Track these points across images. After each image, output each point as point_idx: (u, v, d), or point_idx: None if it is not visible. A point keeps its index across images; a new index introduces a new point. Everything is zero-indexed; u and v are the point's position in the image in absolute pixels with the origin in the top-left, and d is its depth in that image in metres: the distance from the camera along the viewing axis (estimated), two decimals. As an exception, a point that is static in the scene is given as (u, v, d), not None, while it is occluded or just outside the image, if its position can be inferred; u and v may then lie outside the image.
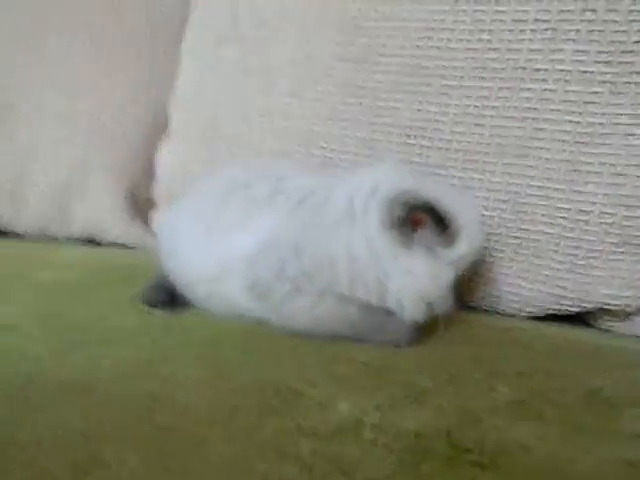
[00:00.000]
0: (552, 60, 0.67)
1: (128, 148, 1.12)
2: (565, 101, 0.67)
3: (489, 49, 0.71)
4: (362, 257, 0.57)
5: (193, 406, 0.42)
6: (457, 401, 0.45)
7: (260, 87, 0.87)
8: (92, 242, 1.15)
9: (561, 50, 0.67)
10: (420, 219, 0.56)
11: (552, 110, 0.68)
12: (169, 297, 0.68)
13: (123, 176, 1.12)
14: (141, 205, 1.15)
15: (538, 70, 0.68)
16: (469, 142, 0.72)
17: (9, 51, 1.14)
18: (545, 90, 0.68)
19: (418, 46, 0.75)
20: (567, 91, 0.67)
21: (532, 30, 0.68)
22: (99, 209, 1.11)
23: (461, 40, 0.72)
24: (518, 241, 0.72)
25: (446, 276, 0.58)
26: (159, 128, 1.14)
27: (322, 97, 0.82)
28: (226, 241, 0.63)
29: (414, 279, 0.56)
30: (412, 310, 0.57)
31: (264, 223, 0.62)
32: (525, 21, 0.69)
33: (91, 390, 0.44)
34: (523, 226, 0.71)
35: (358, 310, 0.60)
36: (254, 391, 0.46)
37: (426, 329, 0.59)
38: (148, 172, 1.14)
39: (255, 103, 0.88)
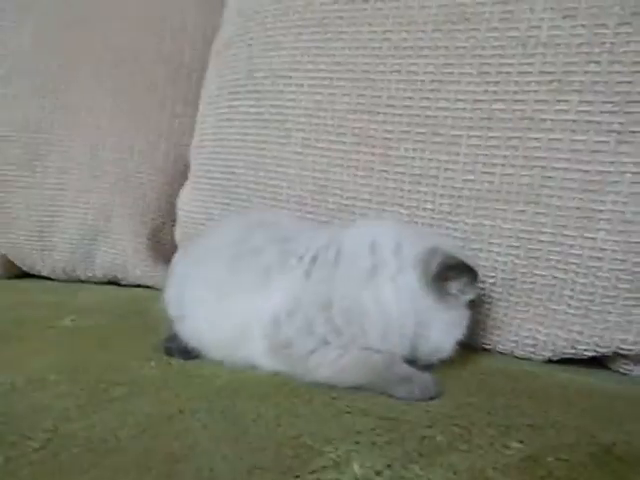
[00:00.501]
0: (558, 110, 0.69)
1: (151, 193, 1.16)
2: (573, 150, 0.69)
3: (495, 100, 0.73)
4: (396, 311, 0.62)
5: (213, 467, 0.44)
6: (469, 460, 0.46)
7: (275, 137, 0.90)
8: (114, 284, 1.20)
9: (567, 101, 0.69)
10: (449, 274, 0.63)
11: (560, 159, 0.69)
12: (186, 346, 0.70)
13: (146, 220, 1.16)
14: (163, 248, 1.19)
15: (544, 120, 0.70)
16: (479, 189, 0.74)
17: (37, 102, 1.20)
18: (552, 140, 0.69)
19: (427, 98, 0.77)
20: (574, 140, 0.68)
21: (537, 82, 0.70)
22: (122, 251, 1.15)
23: (467, 92, 0.74)
24: (532, 286, 0.73)
25: (468, 320, 0.66)
26: (180, 173, 1.19)
27: (335, 146, 0.84)
28: (242, 306, 0.65)
29: (455, 328, 0.65)
30: (448, 355, 0.64)
31: (282, 285, 0.64)
32: (530, 73, 0.71)
33: (116, 450, 0.46)
34: (537, 271, 0.72)
35: (383, 360, 0.61)
36: (271, 448, 0.47)
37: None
38: (170, 216, 1.18)
39: (271, 152, 0.91)
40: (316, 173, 0.86)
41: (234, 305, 0.65)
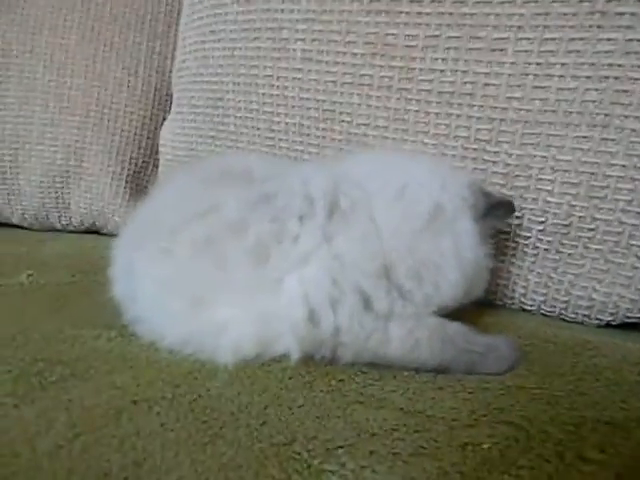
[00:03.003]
0: (642, 0, 0.52)
1: (129, 128, 1.00)
2: (660, 53, 0.51)
3: (556, -11, 0.55)
4: (471, 257, 0.51)
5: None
6: (535, 483, 0.32)
7: (269, 50, 0.73)
8: (95, 232, 1.05)
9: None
10: None
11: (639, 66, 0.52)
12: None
13: (124, 159, 1.00)
14: (147, 191, 1.04)
15: (621, 14, 0.53)
16: (529, 110, 0.57)
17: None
18: (631, 40, 0.52)
19: (463, -10, 0.59)
20: (662, 39, 0.51)
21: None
22: (98, 195, 1.00)
23: (519, -21, 0.56)
24: (591, 234, 0.57)
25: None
26: (163, 104, 1.02)
27: (344, 60, 0.67)
28: (237, 316, 0.46)
29: (491, 260, 0.55)
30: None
31: (292, 265, 0.46)
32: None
33: (26, 471, 0.32)
34: (599, 215, 0.56)
35: (460, 330, 0.49)
36: (251, 466, 0.34)
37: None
38: (153, 154, 1.02)
39: (264, 70, 0.74)
40: (320, 95, 0.69)
41: (220, 316, 0.46)
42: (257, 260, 0.46)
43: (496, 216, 0.54)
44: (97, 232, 1.06)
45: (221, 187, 0.50)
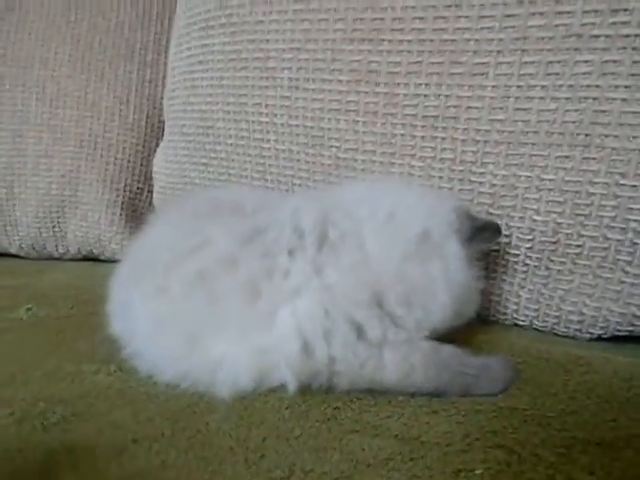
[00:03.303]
0: (614, 24, 0.53)
1: (122, 156, 1.01)
2: (634, 75, 0.53)
3: (532, 14, 0.56)
4: (462, 280, 0.52)
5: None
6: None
7: (257, 79, 0.74)
8: (92, 259, 1.06)
9: (626, 10, 0.52)
10: None
11: (617, 87, 0.54)
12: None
13: (118, 187, 1.02)
14: (142, 217, 1.05)
15: (597, 37, 0.54)
16: (512, 132, 0.59)
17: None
18: (607, 62, 0.54)
19: (443, 17, 0.61)
20: (636, 62, 0.53)
21: (588, -14, 0.54)
22: (95, 224, 1.01)
23: (495, 5, 0.58)
24: (578, 250, 0.59)
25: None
26: (155, 131, 1.04)
27: (329, 87, 0.68)
28: (232, 352, 0.46)
29: (481, 281, 0.56)
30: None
31: (282, 299, 0.47)
32: (578, -25, 0.54)
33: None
34: (585, 232, 0.58)
35: (453, 352, 0.49)
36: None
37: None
38: (147, 180, 1.04)
39: (252, 99, 0.75)
40: (307, 121, 0.71)
41: (216, 351, 0.47)
42: (249, 295, 0.47)
43: (482, 239, 0.55)
44: (94, 259, 1.07)
45: (212, 222, 0.51)
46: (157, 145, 1.02)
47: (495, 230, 0.56)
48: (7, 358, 0.57)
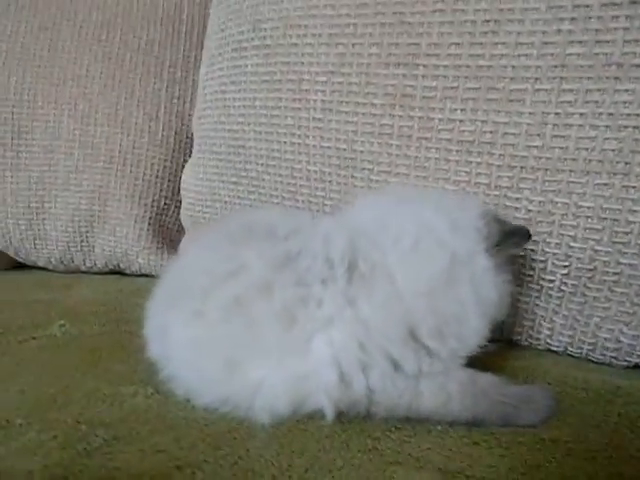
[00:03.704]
0: (658, 51, 0.53)
1: (150, 172, 1.02)
2: (677, 103, 0.53)
3: (571, 42, 0.56)
4: (493, 299, 0.51)
5: None
6: None
7: (290, 101, 0.75)
8: (118, 273, 1.07)
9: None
10: None
11: (659, 115, 0.53)
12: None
13: (146, 202, 1.02)
14: (169, 232, 1.06)
15: (638, 66, 0.54)
16: (549, 158, 0.59)
17: (17, 72, 1.05)
18: (648, 90, 0.53)
19: (480, 43, 0.61)
20: (679, 90, 0.52)
21: (627, 16, 0.54)
22: (122, 238, 1.02)
23: (533, 32, 0.58)
24: (616, 277, 0.58)
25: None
26: (183, 147, 1.05)
27: (363, 110, 0.69)
28: (270, 378, 0.47)
29: (509, 287, 0.55)
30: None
31: (319, 329, 0.47)
32: (618, 5, 0.54)
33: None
34: (623, 260, 0.57)
35: (491, 381, 0.50)
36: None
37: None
38: (174, 196, 1.05)
39: (285, 120, 0.76)
40: (340, 144, 0.71)
41: (253, 377, 0.47)
42: (285, 322, 0.47)
43: (511, 244, 0.54)
44: (120, 272, 1.08)
45: (246, 246, 0.51)
46: (185, 161, 1.04)
47: (524, 234, 0.55)
48: (47, 377, 0.57)
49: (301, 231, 0.53)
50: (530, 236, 0.55)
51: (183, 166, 1.03)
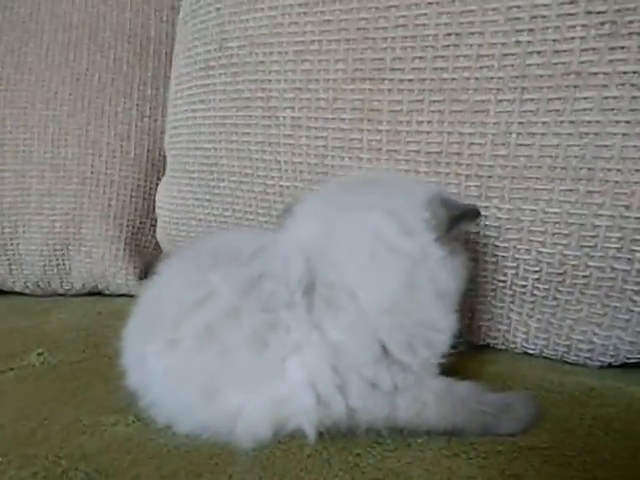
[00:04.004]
0: (612, 61, 0.54)
1: (124, 192, 1.02)
2: (633, 110, 0.54)
3: (530, 52, 0.58)
4: (452, 282, 0.51)
5: None
6: None
7: (259, 118, 0.75)
8: (97, 294, 1.07)
9: (623, 48, 0.54)
10: None
11: (618, 122, 0.55)
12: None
13: (121, 222, 1.02)
14: (146, 251, 1.06)
15: (595, 74, 0.55)
16: (515, 167, 0.60)
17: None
18: (607, 98, 0.55)
19: (443, 56, 0.62)
20: (635, 97, 0.54)
21: (584, 26, 0.55)
22: (99, 259, 1.02)
23: (494, 44, 0.59)
24: (586, 281, 0.59)
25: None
26: (156, 166, 1.05)
27: (332, 125, 0.69)
28: (248, 404, 0.47)
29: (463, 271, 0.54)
30: None
31: (291, 352, 0.47)
32: (574, 15, 0.56)
33: None
34: (592, 263, 0.58)
35: (467, 389, 0.50)
36: None
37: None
38: (150, 215, 1.04)
39: (255, 137, 0.76)
40: (311, 159, 0.72)
41: (232, 403, 0.47)
42: (256, 348, 0.47)
43: (462, 225, 0.53)
44: (98, 293, 1.07)
45: (213, 271, 0.51)
46: (159, 179, 1.03)
47: (473, 213, 0.54)
48: (25, 411, 0.56)
49: (264, 251, 0.52)
50: (479, 213, 0.54)
51: (157, 184, 1.03)
